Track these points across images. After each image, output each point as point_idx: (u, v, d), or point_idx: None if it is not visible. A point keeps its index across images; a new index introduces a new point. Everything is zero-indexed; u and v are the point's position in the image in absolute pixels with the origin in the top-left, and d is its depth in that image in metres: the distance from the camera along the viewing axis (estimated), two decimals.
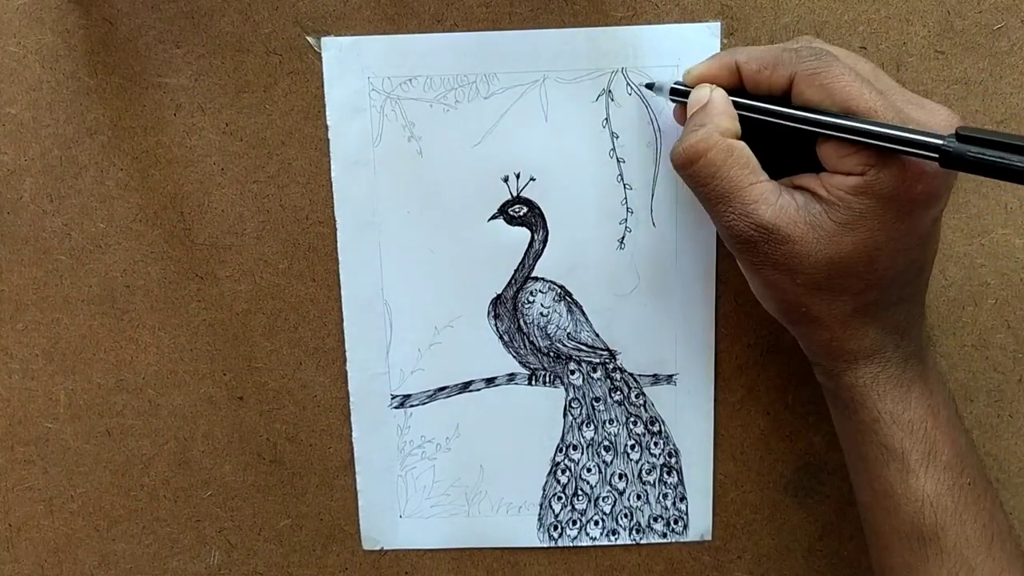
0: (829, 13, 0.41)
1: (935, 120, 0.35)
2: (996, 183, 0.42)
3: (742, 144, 0.36)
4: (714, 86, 0.38)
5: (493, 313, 0.44)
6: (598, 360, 0.45)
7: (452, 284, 0.44)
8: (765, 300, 0.39)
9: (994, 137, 0.31)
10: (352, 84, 0.42)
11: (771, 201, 0.35)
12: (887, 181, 0.34)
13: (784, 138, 0.36)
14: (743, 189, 0.36)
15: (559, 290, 0.44)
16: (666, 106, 0.41)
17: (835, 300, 0.36)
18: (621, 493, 0.46)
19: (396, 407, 0.45)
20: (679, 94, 0.39)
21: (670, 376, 0.45)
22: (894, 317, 0.37)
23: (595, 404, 0.45)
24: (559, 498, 0.46)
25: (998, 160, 0.31)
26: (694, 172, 0.36)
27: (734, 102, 0.37)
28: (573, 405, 0.46)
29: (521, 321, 0.45)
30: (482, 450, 0.46)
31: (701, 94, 0.38)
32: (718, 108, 0.37)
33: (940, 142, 0.32)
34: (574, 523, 0.47)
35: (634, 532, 0.46)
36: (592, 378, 0.45)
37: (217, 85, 0.42)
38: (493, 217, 0.43)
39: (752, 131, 0.37)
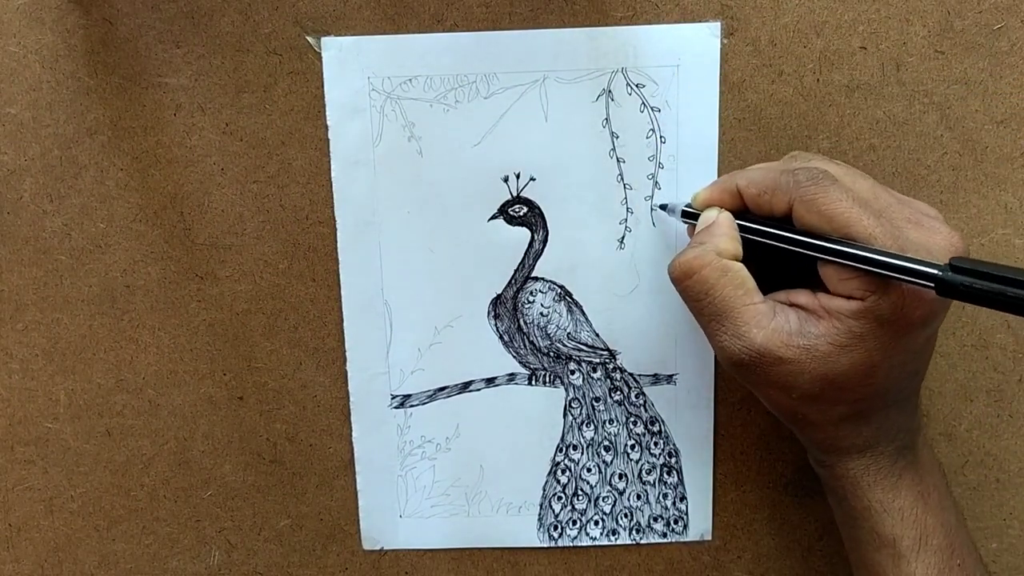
0: (829, 13, 0.41)
1: (933, 240, 0.35)
2: (996, 183, 0.42)
3: (739, 266, 0.37)
4: (722, 209, 0.38)
5: (493, 313, 0.44)
6: (598, 360, 0.45)
7: (452, 284, 0.44)
8: (764, 403, 0.39)
9: (986, 269, 0.32)
10: (352, 84, 0.42)
11: (764, 324, 0.36)
12: (887, 306, 0.34)
13: (787, 255, 0.37)
14: (736, 310, 0.36)
15: (559, 290, 0.44)
16: (679, 224, 0.42)
17: (831, 408, 0.37)
18: (621, 493, 0.46)
19: (396, 407, 0.45)
20: (690, 216, 0.40)
21: (670, 376, 0.45)
22: (888, 418, 0.38)
23: (595, 404, 0.45)
24: (559, 498, 0.46)
25: (991, 291, 0.32)
26: (687, 287, 0.37)
27: (739, 224, 0.38)
28: (573, 405, 0.46)
29: (521, 321, 0.45)
30: (482, 450, 0.46)
31: (709, 215, 0.39)
32: (721, 229, 0.38)
33: (936, 272, 0.33)
34: (574, 523, 0.47)
35: (634, 532, 0.46)
36: (592, 378, 0.45)
37: (217, 85, 0.42)
38: (493, 217, 0.43)
39: (756, 247, 0.38)
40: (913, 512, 0.38)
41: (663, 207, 0.42)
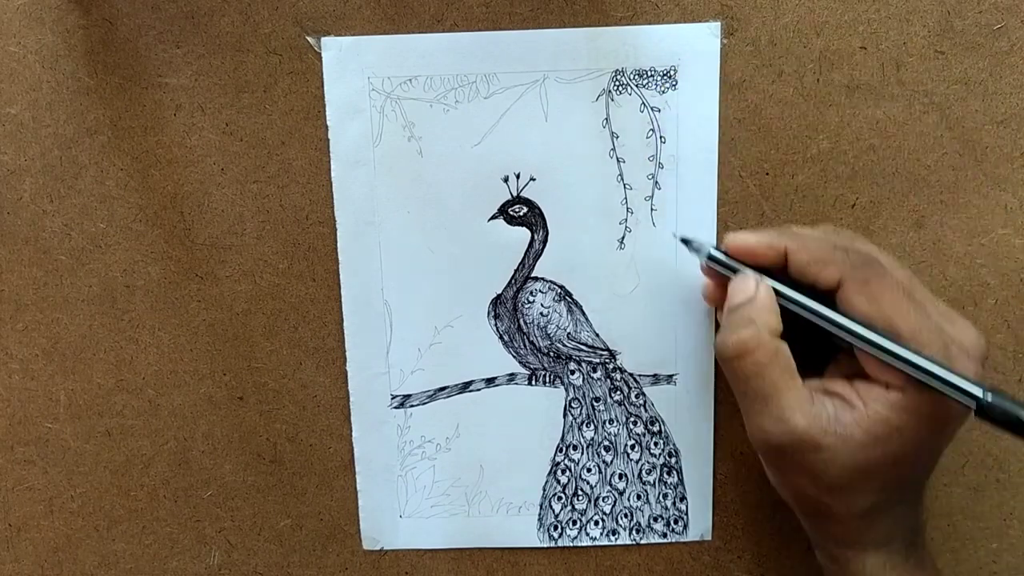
0: (829, 13, 0.41)
1: (966, 338, 0.35)
2: (996, 183, 0.42)
3: (786, 346, 0.36)
4: (761, 280, 0.37)
5: (493, 313, 0.44)
6: (598, 360, 0.45)
7: (452, 284, 0.44)
8: (781, 492, 0.39)
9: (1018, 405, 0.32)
10: (352, 84, 0.42)
11: (806, 409, 0.35)
12: (927, 399, 0.34)
13: (823, 330, 0.36)
14: (781, 392, 0.35)
15: (559, 290, 0.44)
16: (694, 260, 0.40)
17: (854, 499, 0.36)
18: (621, 493, 0.46)
19: (396, 407, 0.45)
20: (717, 261, 0.38)
21: (670, 376, 0.45)
22: (903, 511, 0.37)
23: (595, 404, 0.45)
24: (559, 498, 0.46)
25: None
26: (739, 368, 0.36)
27: (784, 298, 0.36)
28: (573, 405, 0.46)
29: (521, 321, 0.45)
30: (482, 450, 0.46)
31: (747, 286, 0.36)
32: (766, 305, 0.36)
33: (978, 394, 0.33)
34: (574, 523, 0.47)
35: (634, 532, 0.46)
36: (592, 378, 0.45)
37: (217, 85, 0.42)
38: (493, 217, 0.43)
39: (785, 313, 0.37)
40: None
41: (686, 242, 0.40)
